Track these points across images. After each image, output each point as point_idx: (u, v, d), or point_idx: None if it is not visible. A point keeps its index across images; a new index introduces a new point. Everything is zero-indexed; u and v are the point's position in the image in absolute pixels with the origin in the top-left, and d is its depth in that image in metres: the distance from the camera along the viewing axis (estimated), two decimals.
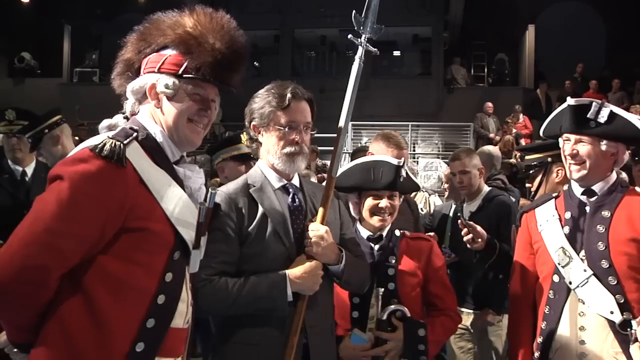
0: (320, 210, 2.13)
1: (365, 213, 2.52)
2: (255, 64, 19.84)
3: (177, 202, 1.65)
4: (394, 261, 2.47)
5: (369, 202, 2.50)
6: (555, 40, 16.52)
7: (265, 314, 2.03)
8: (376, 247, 2.51)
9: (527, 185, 3.25)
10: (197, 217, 1.72)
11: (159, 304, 1.60)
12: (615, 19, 16.52)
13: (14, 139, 3.93)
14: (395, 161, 2.51)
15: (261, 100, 2.18)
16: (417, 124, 14.78)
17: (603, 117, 2.23)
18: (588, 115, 2.24)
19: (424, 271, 2.50)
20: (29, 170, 4.05)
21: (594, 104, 2.27)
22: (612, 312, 2.16)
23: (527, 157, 3.25)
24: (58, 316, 1.54)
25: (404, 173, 2.51)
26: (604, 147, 2.26)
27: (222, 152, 3.88)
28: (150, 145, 1.68)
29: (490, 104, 13.64)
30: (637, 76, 14.51)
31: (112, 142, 1.56)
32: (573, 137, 2.30)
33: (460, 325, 2.87)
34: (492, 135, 13.30)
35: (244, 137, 3.31)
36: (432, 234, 3.76)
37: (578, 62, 15.55)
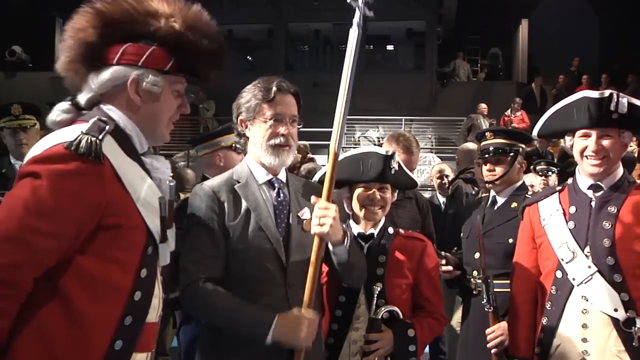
0: (325, 186, 2.03)
1: (356, 206, 2.46)
2: (249, 58, 19.79)
3: (149, 196, 1.62)
4: (383, 260, 2.41)
5: (359, 193, 2.44)
6: (549, 34, 16.56)
7: None
8: (366, 245, 2.44)
9: (487, 170, 3.07)
10: (159, 211, 1.67)
11: (136, 301, 1.58)
12: (608, 13, 16.57)
13: (21, 133, 3.84)
14: (383, 151, 2.46)
15: (247, 95, 2.17)
16: (411, 118, 14.79)
17: (624, 108, 2.16)
18: (611, 108, 2.16)
19: (414, 272, 2.43)
20: None
21: (613, 95, 2.19)
22: (616, 310, 2.12)
23: (497, 140, 3.10)
24: (34, 318, 1.49)
25: (394, 165, 2.43)
26: (625, 139, 2.22)
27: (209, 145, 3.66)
28: (119, 137, 1.62)
29: (484, 105, 13.42)
30: (628, 70, 14.56)
31: (87, 139, 1.50)
32: (595, 132, 2.21)
33: None
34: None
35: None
36: None
37: (571, 57, 15.58)
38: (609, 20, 16.62)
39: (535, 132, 2.47)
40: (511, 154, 3.05)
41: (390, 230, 2.48)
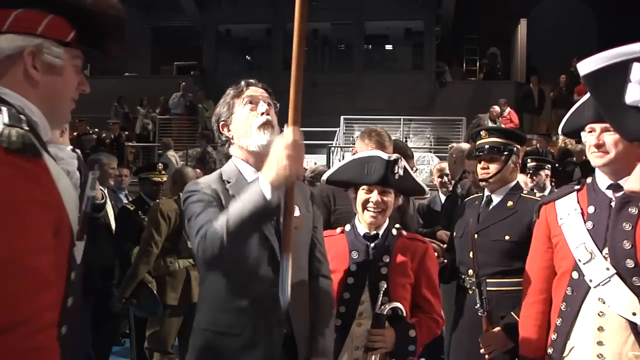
0: (291, 111, 1.90)
1: (359, 207, 2.51)
2: (247, 58, 19.80)
3: (69, 191, 1.43)
4: (387, 260, 2.46)
5: (361, 196, 2.49)
6: (547, 34, 16.59)
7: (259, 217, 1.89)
8: (371, 245, 2.49)
9: (481, 167, 3.08)
10: (78, 206, 1.48)
11: (69, 307, 1.41)
12: (606, 12, 16.59)
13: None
14: (385, 156, 2.48)
15: (221, 103, 2.20)
16: (409, 118, 14.79)
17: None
18: None
19: (415, 272, 2.48)
20: None
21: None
22: (634, 314, 2.06)
23: (492, 139, 3.10)
24: None
25: (399, 170, 2.46)
26: None
27: None
28: (30, 125, 1.40)
29: (497, 108, 13.37)
30: None
31: (16, 131, 1.29)
32: (598, 126, 2.17)
33: None
34: None
35: None
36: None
37: (570, 56, 15.59)
38: (607, 19, 16.64)
39: (559, 130, 2.45)
40: (505, 153, 3.07)
41: (394, 231, 2.53)
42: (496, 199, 3.07)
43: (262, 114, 2.10)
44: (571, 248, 2.22)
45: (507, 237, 2.88)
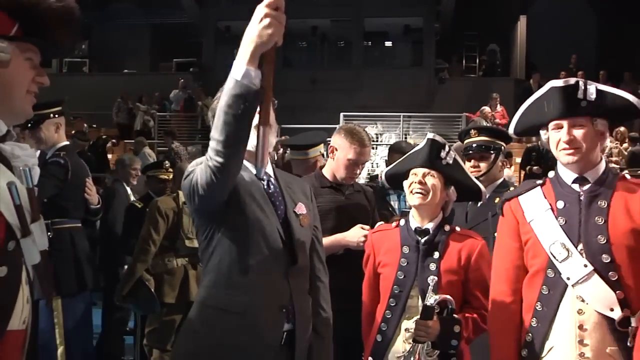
0: None
1: (407, 192, 2.58)
2: None
3: (3, 186, 1.41)
4: (437, 256, 2.48)
5: (407, 182, 2.57)
6: (547, 31, 16.57)
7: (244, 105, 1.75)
8: (422, 240, 2.51)
9: (472, 166, 3.13)
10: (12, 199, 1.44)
11: (3, 277, 1.38)
12: (606, 9, 16.58)
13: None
14: (431, 135, 2.59)
15: (217, 97, 2.13)
16: (409, 114, 14.79)
17: (592, 94, 2.10)
18: (578, 96, 2.11)
19: (465, 270, 2.48)
20: None
21: (580, 82, 2.13)
22: (612, 310, 2.04)
23: (481, 138, 3.21)
24: None
25: (447, 157, 2.53)
26: (599, 127, 2.14)
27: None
28: None
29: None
30: (626, 67, 14.59)
31: None
32: (566, 122, 2.14)
33: None
34: None
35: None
36: None
37: (569, 53, 15.60)
38: (607, 16, 16.64)
39: (510, 130, 2.39)
40: (494, 151, 3.13)
41: (447, 227, 2.54)
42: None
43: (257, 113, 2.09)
44: (544, 246, 2.15)
45: (497, 234, 2.89)
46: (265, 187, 2.13)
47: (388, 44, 19.35)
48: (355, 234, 2.85)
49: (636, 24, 15.24)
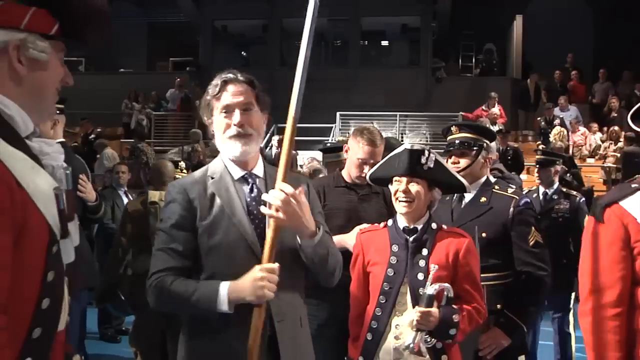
0: (281, 167, 1.98)
1: (393, 200, 2.61)
2: (243, 53, 19.76)
3: (44, 188, 1.39)
4: (425, 253, 2.53)
5: (393, 188, 2.60)
6: (543, 30, 16.59)
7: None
8: (411, 238, 2.56)
9: (452, 162, 3.12)
10: (56, 203, 1.43)
11: (44, 310, 1.35)
12: (602, 8, 16.62)
13: None
14: (409, 146, 2.58)
15: (203, 99, 2.18)
16: (406, 114, 14.82)
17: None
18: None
19: (454, 266, 2.53)
20: None
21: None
22: None
23: (462, 135, 3.17)
24: None
25: (427, 162, 2.53)
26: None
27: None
28: (2, 118, 1.38)
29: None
30: (623, 66, 14.62)
31: None
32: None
33: None
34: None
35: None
36: None
37: (566, 52, 15.63)
38: (603, 15, 16.68)
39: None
40: (475, 148, 3.10)
41: (434, 225, 2.59)
42: (468, 195, 3.07)
43: (234, 124, 2.08)
44: None
45: (484, 235, 2.90)
46: (248, 192, 2.14)
47: (385, 43, 19.36)
48: (354, 236, 2.86)
49: (633, 23, 15.27)
